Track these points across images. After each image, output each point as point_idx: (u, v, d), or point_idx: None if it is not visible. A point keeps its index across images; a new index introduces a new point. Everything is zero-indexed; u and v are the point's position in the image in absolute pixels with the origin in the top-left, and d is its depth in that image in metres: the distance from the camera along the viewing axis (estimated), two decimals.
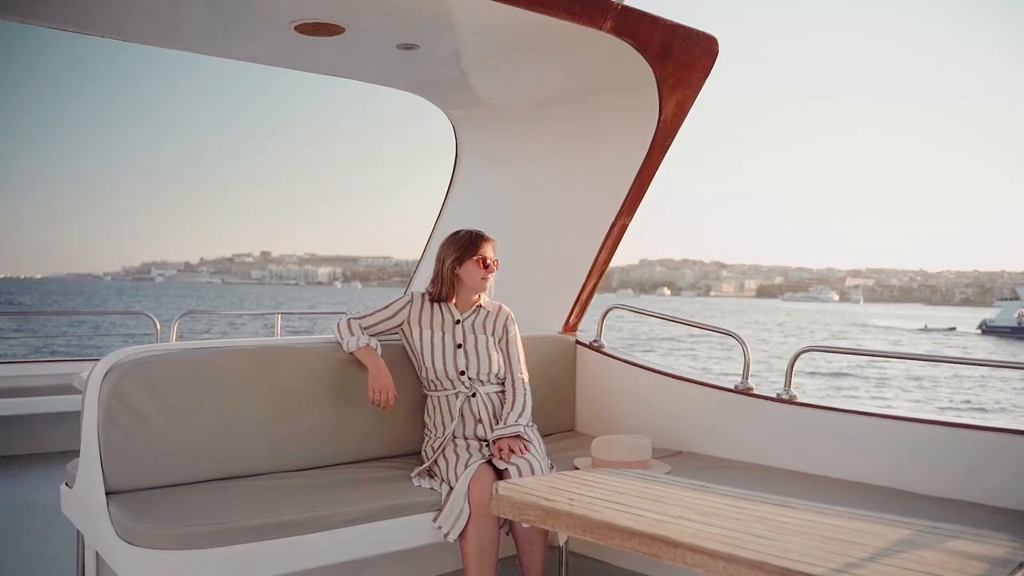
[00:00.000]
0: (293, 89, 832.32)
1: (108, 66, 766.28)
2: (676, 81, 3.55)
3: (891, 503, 2.80)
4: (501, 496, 2.03)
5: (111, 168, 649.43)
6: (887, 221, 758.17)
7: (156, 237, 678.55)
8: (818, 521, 1.87)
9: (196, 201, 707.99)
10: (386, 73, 4.15)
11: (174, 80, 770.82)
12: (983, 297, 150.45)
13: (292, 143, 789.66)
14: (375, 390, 3.04)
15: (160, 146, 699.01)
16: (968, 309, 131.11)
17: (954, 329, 65.30)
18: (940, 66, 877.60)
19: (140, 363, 2.74)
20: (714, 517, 1.89)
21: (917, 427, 3.03)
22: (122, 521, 2.44)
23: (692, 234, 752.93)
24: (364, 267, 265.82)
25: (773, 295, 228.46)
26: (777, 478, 3.16)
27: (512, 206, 4.57)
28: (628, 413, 3.87)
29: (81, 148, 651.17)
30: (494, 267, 3.23)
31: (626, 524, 1.79)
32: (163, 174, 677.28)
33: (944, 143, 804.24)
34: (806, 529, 1.81)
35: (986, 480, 2.87)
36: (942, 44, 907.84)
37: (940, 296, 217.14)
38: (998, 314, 58.91)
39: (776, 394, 3.38)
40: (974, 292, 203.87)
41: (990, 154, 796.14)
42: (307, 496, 2.71)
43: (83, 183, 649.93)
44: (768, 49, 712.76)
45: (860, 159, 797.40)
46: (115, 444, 2.64)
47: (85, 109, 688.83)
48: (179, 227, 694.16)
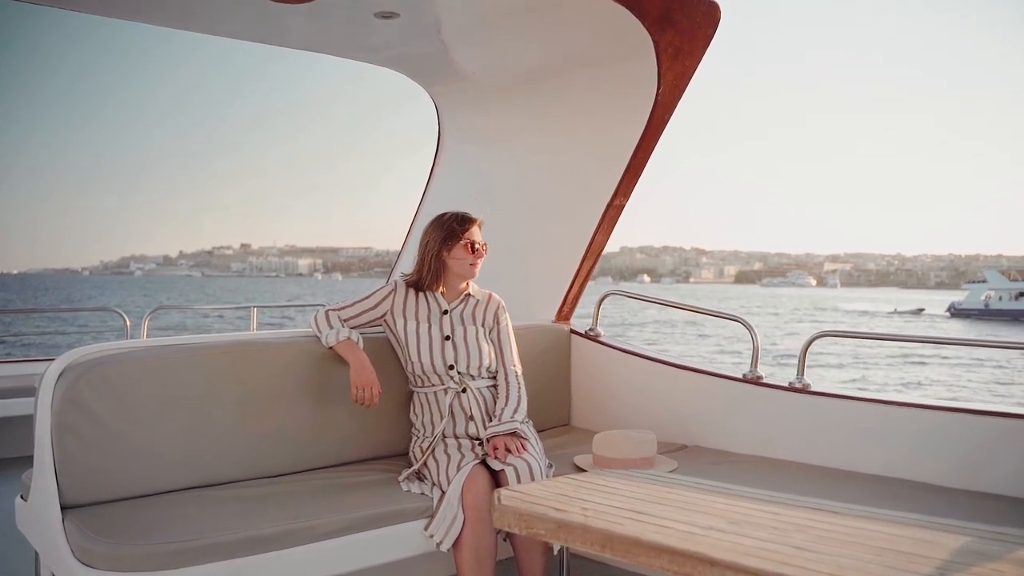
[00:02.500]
0: (273, 83, 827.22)
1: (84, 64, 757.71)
2: (676, 50, 3.31)
3: (923, 499, 2.60)
4: (505, 507, 1.80)
5: (89, 163, 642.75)
6: (867, 206, 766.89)
7: (135, 231, 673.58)
8: (866, 528, 1.65)
9: (176, 195, 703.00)
10: (363, 46, 3.88)
11: (153, 76, 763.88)
12: (956, 280, 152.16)
13: (272, 136, 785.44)
14: (358, 387, 2.80)
15: (138, 141, 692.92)
16: (941, 292, 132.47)
17: (923, 310, 65.96)
18: (920, 50, 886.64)
19: (97, 363, 2.49)
20: (748, 526, 1.67)
21: (941, 416, 2.82)
22: (79, 540, 2.21)
23: (673, 221, 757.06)
24: (345, 258, 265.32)
25: (752, 281, 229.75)
26: (792, 472, 2.95)
27: (500, 188, 4.32)
28: (628, 406, 3.64)
29: (57, 143, 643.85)
30: (483, 251, 3.00)
31: (653, 539, 1.56)
32: (142, 168, 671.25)
33: (925, 128, 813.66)
34: (854, 538, 1.59)
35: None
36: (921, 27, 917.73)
37: (916, 280, 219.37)
38: (966, 297, 59.52)
39: (788, 383, 3.16)
40: (948, 275, 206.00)
41: (969, 138, 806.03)
42: (285, 506, 2.47)
43: (60, 178, 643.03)
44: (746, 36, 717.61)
45: (840, 145, 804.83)
46: (71, 453, 2.40)
47: (60, 105, 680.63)
48: (158, 221, 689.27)
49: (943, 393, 24.18)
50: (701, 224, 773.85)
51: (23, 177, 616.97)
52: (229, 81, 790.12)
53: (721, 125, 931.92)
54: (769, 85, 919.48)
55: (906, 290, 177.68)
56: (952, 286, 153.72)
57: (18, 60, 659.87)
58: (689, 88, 3.45)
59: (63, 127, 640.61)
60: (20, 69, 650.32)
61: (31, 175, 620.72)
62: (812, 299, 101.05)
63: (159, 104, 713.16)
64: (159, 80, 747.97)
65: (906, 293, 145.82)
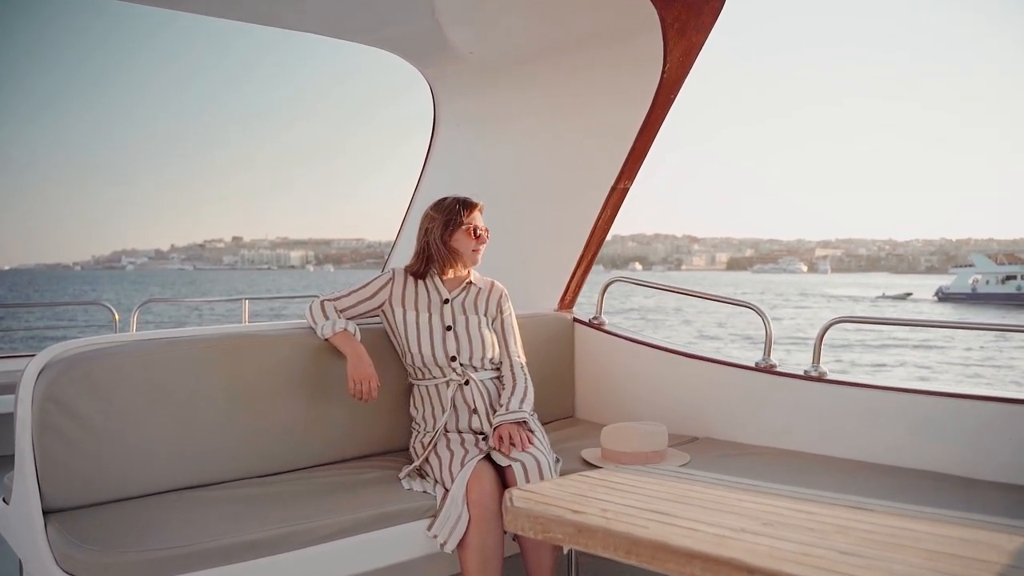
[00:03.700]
0: (266, 75, 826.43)
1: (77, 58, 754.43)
2: (683, 25, 3.16)
3: (955, 493, 2.47)
4: (517, 509, 1.66)
5: (80, 157, 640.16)
6: (860, 192, 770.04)
7: (127, 225, 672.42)
8: (911, 529, 1.52)
9: (167, 188, 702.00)
10: (356, 26, 3.72)
11: (145, 71, 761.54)
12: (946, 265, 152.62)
13: (265, 128, 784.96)
14: (355, 381, 2.67)
15: (130, 134, 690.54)
16: (930, 277, 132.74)
17: (910, 295, 65.91)
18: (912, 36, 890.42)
19: (80, 359, 2.35)
20: (782, 527, 1.54)
21: (966, 404, 2.69)
22: (62, 547, 2.07)
23: (664, 208, 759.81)
24: (337, 250, 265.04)
25: (743, 267, 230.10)
26: (812, 464, 2.83)
27: (498, 172, 4.17)
28: (634, 397, 3.51)
29: (48, 138, 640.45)
30: (486, 237, 2.87)
31: (682, 544, 1.43)
32: (133, 162, 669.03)
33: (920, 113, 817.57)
34: (900, 540, 1.46)
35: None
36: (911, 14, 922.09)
37: (906, 265, 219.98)
38: (953, 281, 59.57)
39: (804, 371, 3.03)
40: (938, 260, 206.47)
41: (963, 122, 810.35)
42: (280, 507, 2.34)
43: (51, 173, 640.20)
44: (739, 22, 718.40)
45: (834, 131, 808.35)
46: (53, 454, 2.26)
47: (51, 101, 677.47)
48: (150, 214, 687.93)
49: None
50: (693, 211, 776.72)
51: (16, 172, 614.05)
52: (219, 76, 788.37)
53: (712, 112, 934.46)
54: (762, 73, 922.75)
55: (896, 275, 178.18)
56: (942, 271, 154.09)
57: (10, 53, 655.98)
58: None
59: (54, 121, 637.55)
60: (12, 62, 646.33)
61: (23, 170, 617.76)
62: (800, 285, 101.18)
63: (149, 99, 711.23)
64: (149, 76, 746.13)
65: (895, 278, 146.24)
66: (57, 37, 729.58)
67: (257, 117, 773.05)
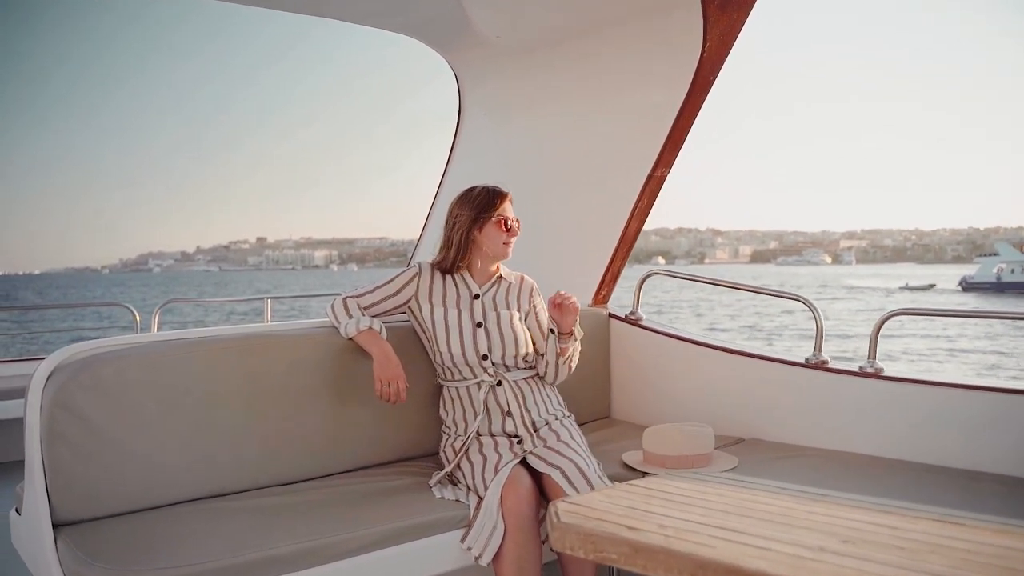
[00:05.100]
0: (285, 73, 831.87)
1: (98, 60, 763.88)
2: (724, 1, 2.97)
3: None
4: (565, 525, 1.49)
5: (105, 161, 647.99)
6: (886, 183, 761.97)
7: (152, 228, 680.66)
8: (1017, 548, 1.34)
9: (191, 190, 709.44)
10: (378, 10, 3.56)
11: (164, 71, 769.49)
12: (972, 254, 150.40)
13: (285, 127, 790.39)
14: (382, 381, 2.51)
15: (152, 137, 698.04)
16: (955, 267, 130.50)
17: (934, 286, 64.76)
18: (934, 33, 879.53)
19: (90, 362, 2.21)
20: (865, 546, 1.36)
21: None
22: (72, 564, 1.94)
23: (687, 202, 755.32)
24: (360, 248, 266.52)
25: (767, 260, 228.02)
26: (870, 468, 2.63)
27: (527, 162, 3.99)
28: (674, 396, 3.32)
29: (75, 142, 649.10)
30: (517, 229, 2.70)
31: (756, 567, 1.25)
32: (157, 164, 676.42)
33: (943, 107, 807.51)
34: (1007, 562, 1.28)
35: None
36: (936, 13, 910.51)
37: (933, 255, 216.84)
38: (978, 270, 58.52)
39: (859, 367, 2.83)
40: (965, 249, 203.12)
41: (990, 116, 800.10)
42: (302, 519, 2.19)
43: (77, 177, 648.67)
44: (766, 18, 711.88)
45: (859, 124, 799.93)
46: (62, 464, 2.13)
47: (76, 103, 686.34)
48: (175, 216, 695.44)
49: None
50: (717, 205, 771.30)
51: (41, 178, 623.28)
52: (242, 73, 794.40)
53: (739, 102, 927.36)
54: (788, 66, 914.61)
55: (922, 265, 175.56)
56: (968, 260, 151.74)
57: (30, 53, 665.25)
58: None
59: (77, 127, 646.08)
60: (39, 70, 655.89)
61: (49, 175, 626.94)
62: (823, 277, 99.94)
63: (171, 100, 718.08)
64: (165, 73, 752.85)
65: (921, 268, 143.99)
66: (71, 36, 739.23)
67: (277, 115, 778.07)
